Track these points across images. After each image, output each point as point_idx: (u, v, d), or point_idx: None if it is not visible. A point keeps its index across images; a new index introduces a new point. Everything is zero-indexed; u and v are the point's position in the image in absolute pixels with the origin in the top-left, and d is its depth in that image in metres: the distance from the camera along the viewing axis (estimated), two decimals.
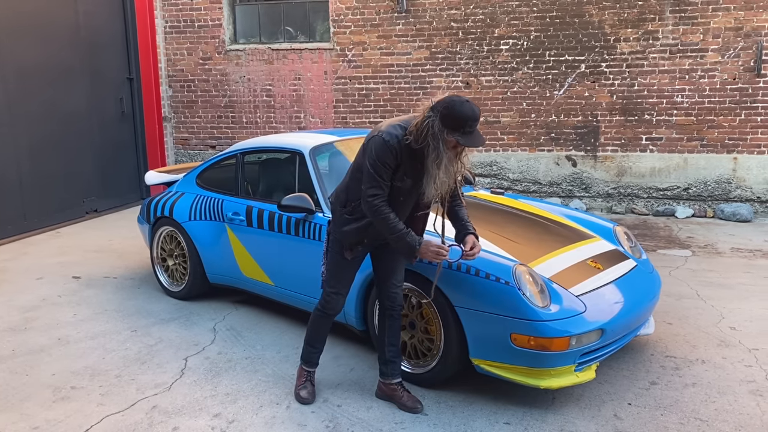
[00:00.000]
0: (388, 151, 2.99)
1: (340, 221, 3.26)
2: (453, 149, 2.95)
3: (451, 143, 2.92)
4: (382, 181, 3.03)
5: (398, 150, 3.00)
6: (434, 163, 2.93)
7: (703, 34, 7.66)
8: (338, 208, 3.28)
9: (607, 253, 3.94)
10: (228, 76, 9.33)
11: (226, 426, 3.25)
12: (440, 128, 2.89)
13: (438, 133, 2.89)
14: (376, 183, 3.03)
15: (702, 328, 4.37)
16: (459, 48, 8.40)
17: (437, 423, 3.25)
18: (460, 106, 2.88)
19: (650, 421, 3.23)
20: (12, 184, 7.08)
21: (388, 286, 3.40)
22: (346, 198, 3.24)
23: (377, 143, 3.01)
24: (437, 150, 2.91)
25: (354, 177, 3.20)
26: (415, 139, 2.96)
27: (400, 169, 3.05)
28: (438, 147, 2.90)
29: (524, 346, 3.21)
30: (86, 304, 5.05)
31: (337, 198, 3.31)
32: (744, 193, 7.83)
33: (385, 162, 3.01)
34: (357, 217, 3.20)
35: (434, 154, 2.92)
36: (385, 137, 3.00)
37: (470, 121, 2.88)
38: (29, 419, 3.34)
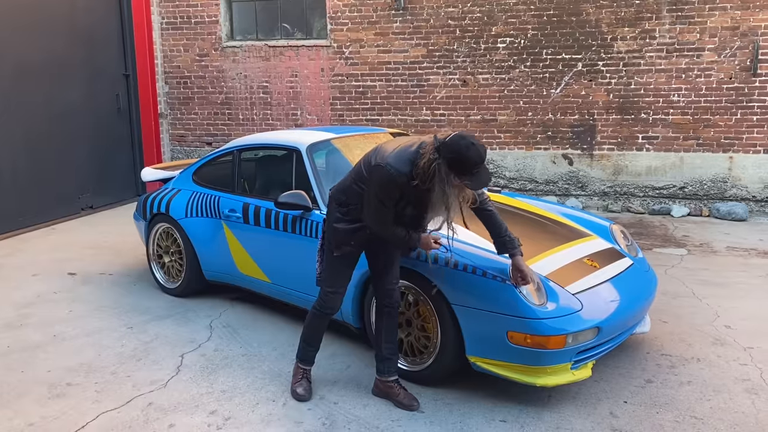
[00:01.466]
0: (393, 185, 3.01)
1: (332, 217, 3.31)
2: (459, 186, 2.96)
3: (456, 184, 2.94)
4: (387, 209, 3.09)
5: (404, 185, 3.00)
6: (440, 201, 2.97)
7: (700, 34, 7.68)
8: (334, 205, 3.32)
9: (604, 251, 3.95)
10: (224, 73, 9.31)
11: (223, 423, 3.25)
12: (447, 172, 2.89)
13: (445, 176, 2.90)
14: (383, 214, 3.09)
15: (697, 327, 4.38)
16: (456, 46, 8.40)
17: (434, 420, 3.25)
18: (466, 152, 2.86)
19: (646, 419, 3.24)
20: (7, 180, 7.05)
21: (385, 283, 3.41)
22: (344, 199, 3.27)
23: (384, 176, 3.00)
24: (443, 191, 2.93)
25: (354, 181, 3.22)
26: (422, 180, 2.95)
27: (403, 200, 3.08)
28: (444, 188, 2.92)
29: (521, 344, 3.21)
30: (82, 300, 5.04)
31: (336, 195, 3.33)
32: (739, 192, 7.85)
33: (390, 195, 3.04)
34: (350, 219, 3.25)
35: (441, 194, 2.94)
36: (392, 172, 2.98)
37: (479, 165, 2.89)
38: (25, 416, 3.33)
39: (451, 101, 8.55)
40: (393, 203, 3.07)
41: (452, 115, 8.58)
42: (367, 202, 3.14)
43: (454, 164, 2.88)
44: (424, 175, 2.94)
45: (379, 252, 3.39)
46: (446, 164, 2.89)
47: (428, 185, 2.94)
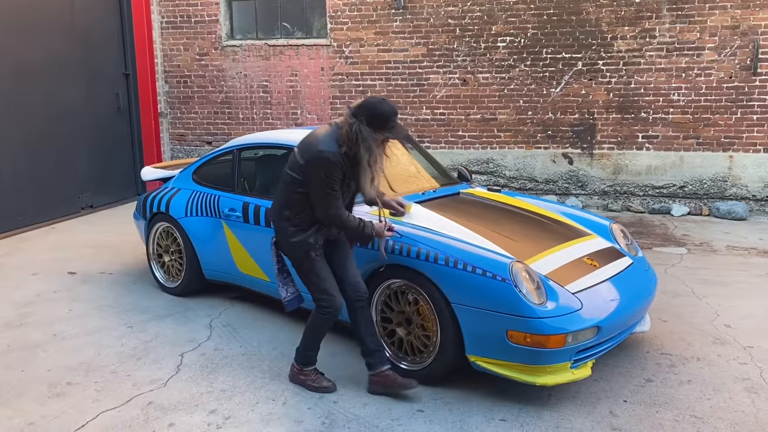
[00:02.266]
0: (334, 167, 3.22)
1: (287, 235, 3.42)
2: (381, 146, 3.27)
3: (380, 140, 3.22)
4: (336, 192, 3.28)
5: (341, 162, 3.22)
6: (369, 162, 3.23)
7: (700, 33, 7.67)
8: (284, 225, 3.43)
9: (604, 250, 3.95)
10: (224, 72, 9.30)
11: (222, 422, 3.25)
12: (369, 130, 3.17)
13: (368, 135, 3.17)
14: (332, 198, 3.27)
15: (697, 326, 4.38)
16: (456, 45, 8.40)
17: (433, 419, 3.25)
18: (380, 106, 3.20)
19: (645, 418, 3.24)
20: (7, 180, 7.05)
21: (349, 278, 3.51)
22: (289, 213, 3.40)
23: (323, 162, 3.21)
24: (370, 150, 3.19)
25: (292, 190, 3.37)
26: (349, 147, 3.21)
27: (345, 178, 3.29)
28: (370, 147, 3.19)
29: (520, 343, 3.21)
30: (82, 299, 5.04)
31: (280, 216, 3.45)
32: (739, 191, 7.85)
33: (334, 177, 3.24)
34: (304, 227, 3.39)
35: (368, 155, 3.20)
36: (328, 155, 3.20)
37: (393, 116, 3.22)
38: (24, 415, 3.33)
39: (451, 100, 8.55)
40: (339, 185, 3.27)
41: (452, 114, 8.58)
42: (315, 197, 3.30)
43: (372, 120, 3.17)
44: (350, 141, 3.19)
45: (333, 252, 3.54)
46: (366, 123, 3.17)
47: (355, 149, 3.19)
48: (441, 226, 3.82)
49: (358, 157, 3.21)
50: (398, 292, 3.67)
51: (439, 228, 3.78)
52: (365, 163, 3.23)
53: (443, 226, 3.82)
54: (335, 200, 3.29)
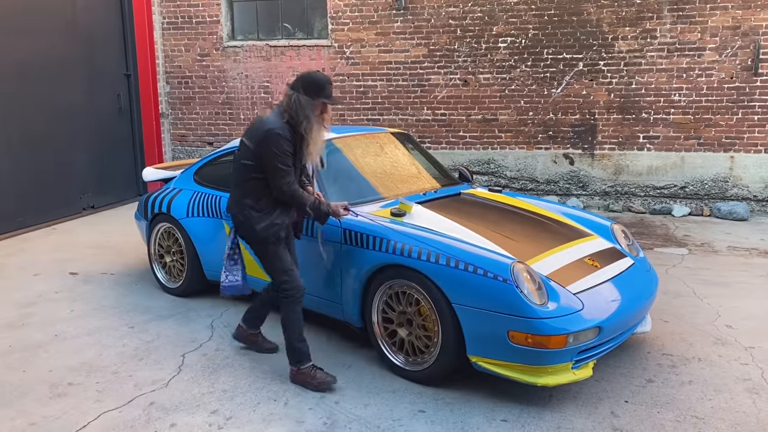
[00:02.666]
0: (286, 141, 3.44)
1: (250, 223, 3.57)
2: (320, 114, 3.51)
3: (318, 108, 3.48)
4: (290, 168, 3.49)
5: (288, 134, 3.45)
6: (310, 130, 3.47)
7: (701, 33, 7.67)
8: (248, 213, 3.58)
9: (605, 251, 3.95)
10: (225, 73, 9.31)
11: (224, 422, 3.25)
12: (307, 99, 3.43)
13: (306, 104, 3.43)
14: (286, 172, 3.47)
15: (698, 326, 4.38)
16: (457, 46, 8.40)
17: (435, 420, 3.25)
18: (315, 76, 3.51)
19: (647, 418, 3.24)
20: (8, 180, 7.06)
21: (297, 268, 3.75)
22: (251, 201, 3.58)
23: (275, 138, 3.42)
24: (309, 118, 3.44)
25: (249, 177, 3.55)
26: (290, 116, 3.46)
27: (296, 152, 3.53)
28: (309, 116, 3.44)
29: (522, 344, 3.22)
30: (83, 300, 5.04)
31: (242, 206, 3.60)
32: (741, 191, 7.85)
33: (287, 151, 3.45)
34: (266, 211, 3.58)
35: (308, 123, 3.45)
36: (278, 131, 3.43)
37: (328, 84, 3.51)
38: (26, 415, 3.33)
39: (452, 101, 8.56)
40: (291, 159, 3.49)
41: (453, 115, 8.58)
42: (270, 174, 3.48)
43: (308, 88, 3.45)
44: (290, 110, 3.45)
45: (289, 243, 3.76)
46: (303, 92, 3.44)
47: (297, 119, 3.44)
48: (442, 226, 3.83)
49: (299, 126, 3.45)
50: (399, 293, 3.67)
51: (440, 228, 3.79)
52: (302, 131, 3.46)
53: (444, 226, 3.83)
54: (289, 175, 3.48)
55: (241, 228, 3.66)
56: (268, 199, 3.57)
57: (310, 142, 3.50)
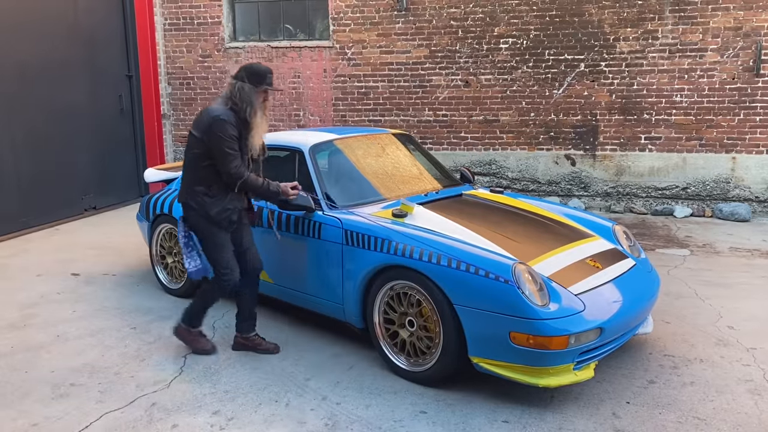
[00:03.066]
0: (229, 125, 3.65)
1: (205, 209, 3.76)
2: (263, 102, 3.76)
3: (261, 96, 3.73)
4: (237, 152, 3.70)
5: (233, 120, 3.68)
6: (254, 115, 3.71)
7: (703, 34, 7.67)
8: (201, 200, 3.77)
9: (606, 252, 3.95)
10: (227, 74, 9.30)
11: (225, 423, 3.25)
12: (251, 87, 3.68)
13: (249, 91, 3.67)
14: (233, 156, 3.68)
15: (700, 327, 4.38)
16: (459, 46, 8.41)
17: (436, 421, 3.25)
18: (257, 66, 3.78)
19: (648, 419, 3.24)
20: (10, 181, 7.07)
21: (252, 252, 3.99)
22: (205, 187, 3.77)
23: (221, 124, 3.65)
24: (252, 105, 3.68)
25: (200, 166, 3.75)
26: (234, 103, 3.70)
27: (242, 137, 3.73)
28: (253, 103, 3.68)
29: (523, 345, 3.22)
30: (85, 301, 5.05)
31: (194, 193, 3.79)
32: (742, 192, 7.84)
33: (232, 136, 3.67)
34: (218, 197, 3.77)
35: (252, 109, 3.69)
36: (223, 117, 3.66)
37: (269, 73, 3.78)
38: (28, 416, 3.34)
39: (453, 102, 8.56)
40: (237, 144, 3.70)
41: (454, 116, 8.58)
42: (220, 160, 3.68)
43: (251, 77, 3.70)
44: (234, 98, 3.70)
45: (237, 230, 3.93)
46: (247, 80, 3.69)
47: (240, 105, 3.68)
48: (443, 227, 3.83)
49: (243, 112, 3.68)
50: (401, 294, 3.67)
51: (441, 229, 3.79)
52: (246, 116, 3.69)
53: (446, 227, 3.83)
54: (236, 159, 3.69)
55: (193, 215, 3.82)
56: (220, 185, 3.76)
57: (253, 128, 3.73)
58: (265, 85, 3.73)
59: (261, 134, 3.81)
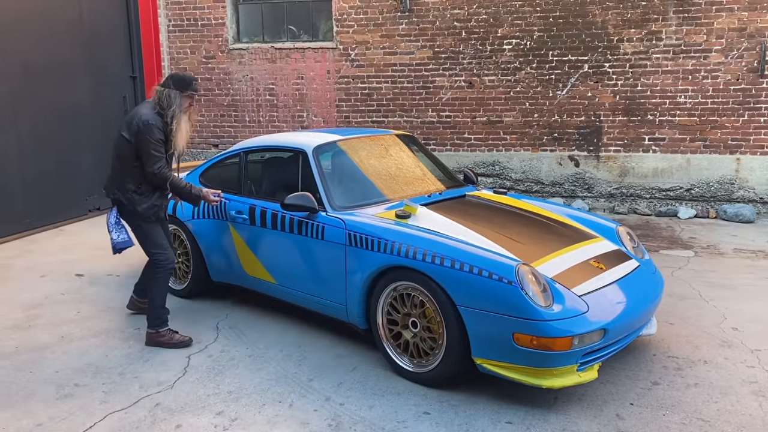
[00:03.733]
0: (155, 128, 3.95)
1: (134, 204, 4.09)
2: (188, 107, 4.09)
3: (186, 101, 4.06)
4: (161, 155, 4.02)
5: (160, 124, 3.98)
6: (179, 121, 4.02)
7: (707, 35, 7.66)
8: (131, 196, 4.09)
9: (610, 253, 3.94)
10: (231, 75, 9.34)
11: (229, 424, 3.26)
12: (176, 93, 4.00)
13: (175, 97, 3.99)
14: (158, 158, 3.99)
15: (704, 329, 4.37)
16: (462, 48, 8.41)
17: (439, 422, 3.25)
18: (183, 74, 4.17)
19: (652, 421, 3.23)
20: (15, 182, 7.09)
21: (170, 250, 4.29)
22: (134, 185, 4.08)
23: (148, 129, 3.94)
24: (179, 111, 4.01)
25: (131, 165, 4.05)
26: (161, 107, 3.99)
27: (168, 140, 4.03)
28: (178, 108, 4.00)
29: (527, 346, 3.21)
30: (89, 301, 5.07)
31: (125, 189, 4.09)
32: (747, 194, 7.83)
33: (159, 139, 3.98)
34: (147, 193, 4.11)
35: (176, 114, 3.99)
36: (151, 122, 3.95)
37: (194, 80, 4.14)
38: (33, 416, 3.35)
39: (456, 103, 8.56)
40: (162, 147, 4.00)
41: (458, 117, 8.58)
42: (145, 160, 3.99)
43: (176, 83, 4.03)
44: (161, 102, 3.99)
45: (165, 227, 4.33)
46: (173, 87, 4.01)
47: (166, 110, 3.98)
48: (447, 228, 3.83)
49: (168, 117, 3.98)
50: (404, 295, 3.67)
51: (444, 230, 3.79)
52: (175, 123, 4.00)
53: (449, 228, 3.83)
54: (160, 161, 4.00)
55: (123, 209, 4.16)
56: (148, 184, 4.09)
57: (177, 131, 4.03)
58: (190, 90, 4.06)
59: (184, 136, 4.11)
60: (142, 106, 4.09)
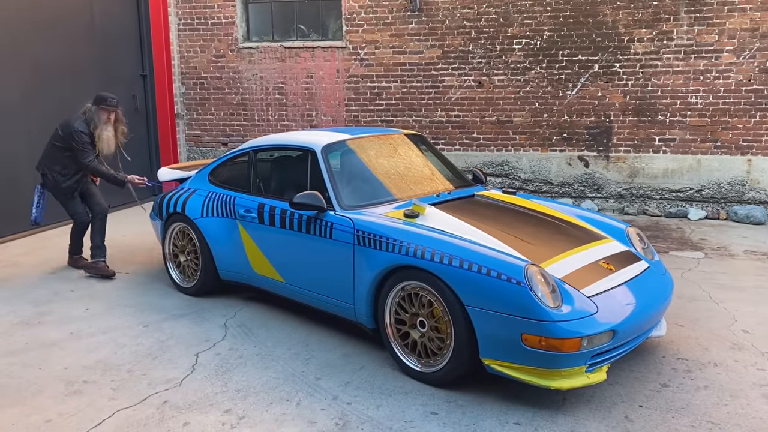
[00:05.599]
0: (82, 134, 5.38)
1: (60, 183, 5.53)
2: (107, 120, 5.47)
3: (104, 114, 5.45)
4: (89, 151, 5.42)
5: (86, 130, 5.39)
6: (96, 129, 5.41)
7: (719, 35, 7.60)
8: (57, 176, 5.52)
9: (620, 254, 3.92)
10: (240, 74, 9.36)
11: (237, 422, 3.26)
12: (96, 109, 5.45)
13: (95, 111, 5.45)
14: (86, 153, 5.40)
15: (714, 331, 4.34)
16: (472, 47, 8.39)
17: (447, 422, 3.24)
18: (104, 93, 5.55)
19: (661, 423, 3.21)
20: (25, 180, 7.13)
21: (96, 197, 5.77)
22: (61, 168, 5.51)
23: (77, 135, 5.37)
24: (95, 120, 5.42)
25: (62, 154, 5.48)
26: (86, 120, 5.42)
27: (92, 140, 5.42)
28: (97, 120, 5.43)
29: (535, 347, 3.20)
30: (98, 299, 5.09)
31: (53, 170, 5.51)
32: (758, 195, 7.76)
33: (85, 141, 5.38)
34: (69, 175, 5.53)
35: (95, 123, 5.42)
36: (79, 129, 5.37)
37: (111, 97, 5.51)
38: (42, 412, 3.37)
39: (466, 102, 8.54)
40: (89, 145, 5.40)
41: (467, 117, 8.56)
42: (78, 154, 5.40)
43: (96, 100, 5.49)
44: (87, 116, 5.43)
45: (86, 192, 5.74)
46: (96, 104, 5.47)
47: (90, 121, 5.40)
48: (456, 228, 3.82)
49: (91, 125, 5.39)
50: (412, 294, 3.67)
51: (453, 230, 3.78)
52: (97, 133, 5.40)
53: (458, 228, 3.82)
54: (89, 155, 5.40)
55: (47, 183, 5.57)
56: (71, 168, 5.49)
57: (99, 138, 5.41)
58: (104, 105, 5.42)
59: (107, 142, 5.44)
60: (77, 117, 5.44)
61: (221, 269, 4.91)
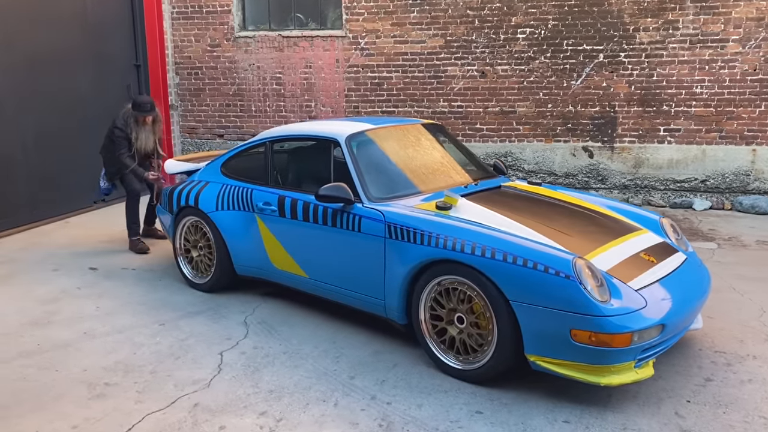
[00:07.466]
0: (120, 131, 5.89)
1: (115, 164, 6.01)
2: (144, 123, 5.93)
3: (140, 118, 5.89)
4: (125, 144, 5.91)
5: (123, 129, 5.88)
6: (132, 131, 5.91)
7: (724, 24, 7.56)
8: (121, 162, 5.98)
9: (658, 245, 3.84)
10: (237, 64, 9.13)
11: (275, 424, 3.12)
12: (132, 111, 5.93)
13: (130, 114, 5.93)
14: (121, 147, 5.90)
15: (745, 323, 4.28)
16: (475, 36, 8.26)
17: (494, 421, 3.13)
18: (140, 97, 6.08)
19: (713, 419, 3.13)
20: (20, 173, 6.87)
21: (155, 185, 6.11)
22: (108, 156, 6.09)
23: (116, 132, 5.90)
24: (129, 122, 5.91)
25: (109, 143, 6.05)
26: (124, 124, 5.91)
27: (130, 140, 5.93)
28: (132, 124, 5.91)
29: (585, 342, 3.10)
30: (108, 296, 4.89)
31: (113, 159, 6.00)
32: (763, 185, 7.77)
33: (121, 138, 5.89)
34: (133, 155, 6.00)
35: (130, 125, 5.91)
36: (118, 126, 5.90)
37: (145, 103, 5.97)
38: (67, 418, 3.19)
39: (469, 93, 8.42)
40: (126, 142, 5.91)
41: (470, 107, 8.44)
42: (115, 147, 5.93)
43: (134, 106, 5.93)
44: (126, 117, 5.94)
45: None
46: (132, 108, 5.92)
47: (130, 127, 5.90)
48: (492, 220, 3.70)
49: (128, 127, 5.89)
50: (450, 289, 3.54)
51: (490, 222, 3.66)
52: (133, 136, 5.89)
53: (494, 220, 3.70)
54: (121, 149, 5.88)
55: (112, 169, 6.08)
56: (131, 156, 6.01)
57: (137, 139, 5.89)
58: (137, 110, 5.87)
59: (143, 142, 5.92)
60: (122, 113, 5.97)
61: (238, 264, 4.74)
